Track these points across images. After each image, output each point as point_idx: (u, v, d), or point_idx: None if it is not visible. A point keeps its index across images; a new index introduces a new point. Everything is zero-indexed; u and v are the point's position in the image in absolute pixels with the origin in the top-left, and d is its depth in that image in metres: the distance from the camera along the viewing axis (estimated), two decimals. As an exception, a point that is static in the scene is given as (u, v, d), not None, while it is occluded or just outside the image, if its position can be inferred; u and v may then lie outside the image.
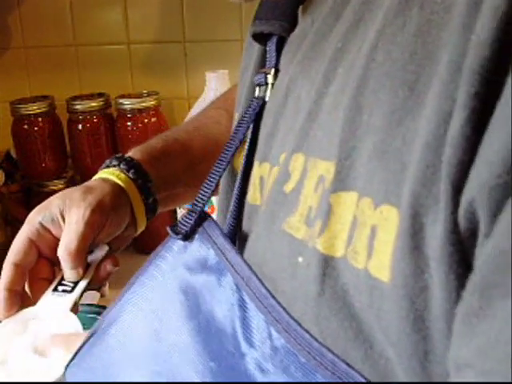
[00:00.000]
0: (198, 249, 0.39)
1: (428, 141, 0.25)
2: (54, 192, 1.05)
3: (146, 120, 1.04)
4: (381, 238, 0.27)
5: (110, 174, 0.55)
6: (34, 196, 1.08)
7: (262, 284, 0.33)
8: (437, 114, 0.25)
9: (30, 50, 1.16)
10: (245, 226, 0.41)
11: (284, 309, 0.32)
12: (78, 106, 1.04)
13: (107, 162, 0.57)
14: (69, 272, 0.49)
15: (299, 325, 0.31)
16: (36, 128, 1.05)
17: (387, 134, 0.28)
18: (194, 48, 1.17)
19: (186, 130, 0.64)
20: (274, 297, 0.32)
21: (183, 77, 1.19)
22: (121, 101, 1.02)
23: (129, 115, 1.02)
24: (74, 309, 0.49)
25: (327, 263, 0.29)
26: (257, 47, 0.44)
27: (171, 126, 1.10)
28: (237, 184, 0.42)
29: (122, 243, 0.56)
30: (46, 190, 1.07)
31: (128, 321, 0.40)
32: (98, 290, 0.72)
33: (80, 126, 1.04)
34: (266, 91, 0.41)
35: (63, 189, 1.05)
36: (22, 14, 1.14)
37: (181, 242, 0.40)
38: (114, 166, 0.55)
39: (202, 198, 0.41)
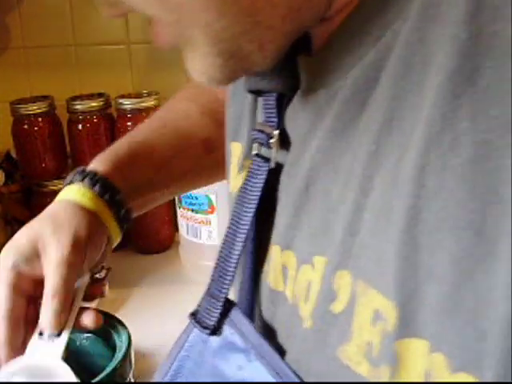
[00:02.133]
0: (230, 345, 0.36)
1: (506, 315, 0.21)
2: (54, 192, 1.06)
3: (146, 120, 1.03)
4: None
5: (74, 193, 0.50)
6: (33, 196, 1.08)
7: None
8: None
9: (29, 50, 1.16)
10: (266, 311, 0.38)
11: None
12: (78, 106, 1.03)
13: (70, 176, 0.52)
14: (52, 318, 0.46)
15: None
16: (36, 128, 1.05)
17: (455, 287, 0.24)
18: (194, 48, 1.17)
19: (151, 128, 0.59)
20: None
21: (183, 77, 1.19)
22: (121, 101, 1.02)
23: (129, 115, 1.02)
24: (64, 354, 0.46)
25: None
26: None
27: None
28: (248, 256, 0.38)
29: (102, 261, 0.53)
30: (45, 190, 1.07)
31: None
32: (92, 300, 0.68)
33: (80, 126, 1.04)
34: (270, 154, 0.37)
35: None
36: (22, 13, 1.14)
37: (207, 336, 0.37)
38: (78, 181, 0.51)
39: (222, 282, 0.37)
